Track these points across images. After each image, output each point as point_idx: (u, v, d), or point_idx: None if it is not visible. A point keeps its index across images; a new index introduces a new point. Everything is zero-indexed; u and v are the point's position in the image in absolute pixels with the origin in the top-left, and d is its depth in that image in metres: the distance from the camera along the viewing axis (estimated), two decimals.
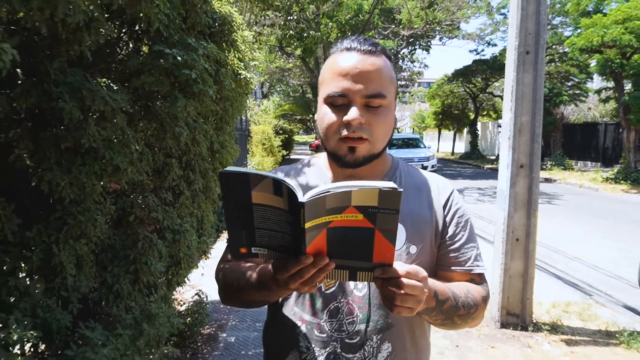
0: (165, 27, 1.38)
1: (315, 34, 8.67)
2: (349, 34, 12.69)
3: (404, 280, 0.77)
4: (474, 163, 23.34)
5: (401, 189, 0.69)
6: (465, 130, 29.12)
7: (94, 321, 1.77)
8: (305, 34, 8.61)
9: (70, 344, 1.54)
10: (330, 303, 0.96)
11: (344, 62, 0.94)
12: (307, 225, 0.69)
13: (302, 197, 0.67)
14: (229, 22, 1.95)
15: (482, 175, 18.76)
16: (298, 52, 10.32)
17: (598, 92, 17.74)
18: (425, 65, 28.53)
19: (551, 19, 19.82)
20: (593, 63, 15.86)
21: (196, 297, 3.47)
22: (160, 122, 1.59)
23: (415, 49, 23.29)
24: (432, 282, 0.88)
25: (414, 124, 44.27)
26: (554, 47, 19.94)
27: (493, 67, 21.90)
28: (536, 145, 3.74)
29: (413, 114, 45.21)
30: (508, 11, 19.38)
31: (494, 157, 23.39)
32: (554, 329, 3.78)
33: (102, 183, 1.47)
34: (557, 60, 20.55)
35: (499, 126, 24.61)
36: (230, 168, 0.71)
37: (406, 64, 27.09)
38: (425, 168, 16.45)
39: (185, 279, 2.70)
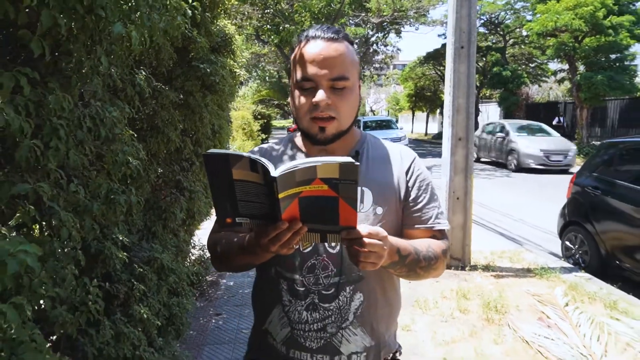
0: (198, 50, 2.15)
1: (291, 27, 9.37)
2: (323, 21, 13.41)
3: (366, 240, 0.87)
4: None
5: (358, 163, 0.80)
6: (438, 111, 30.24)
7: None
8: (281, 27, 9.29)
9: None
10: (307, 260, 1.06)
11: (309, 49, 1.03)
12: (281, 195, 0.78)
13: (274, 172, 0.77)
14: (230, 38, 2.73)
15: None
16: (275, 41, 11.02)
17: (554, 73, 18.93)
18: (398, 49, 29.29)
19: (513, 3, 20.86)
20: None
21: (200, 251, 4.30)
22: (192, 109, 2.37)
23: (387, 34, 24.11)
24: (394, 239, 0.98)
25: (389, 106, 45.22)
26: (516, 30, 21.04)
27: None
28: (470, 122, 4.66)
29: (388, 96, 46.15)
30: None
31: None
32: (488, 268, 4.75)
33: (164, 150, 2.25)
34: (519, 43, 21.66)
35: None
36: (211, 150, 0.82)
37: (380, 48, 27.83)
38: None
39: (199, 227, 3.52)
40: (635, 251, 4.14)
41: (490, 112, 24.85)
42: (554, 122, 11.42)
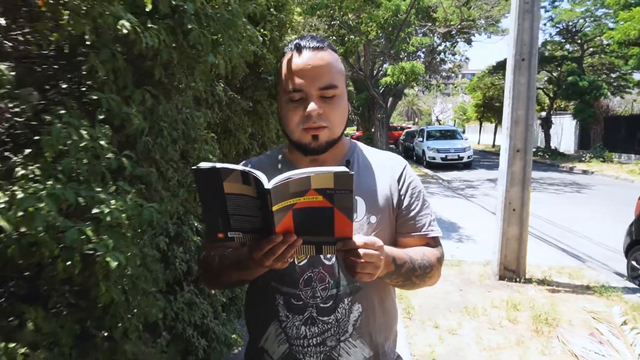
0: (267, 65, 2.47)
1: (355, 39, 9.60)
2: (389, 31, 13.55)
3: (362, 250, 0.86)
4: None
5: (352, 172, 0.78)
6: None
7: None
8: (346, 39, 9.57)
9: None
10: (304, 273, 1.05)
11: (297, 60, 1.02)
12: (275, 208, 0.77)
13: (267, 185, 0.75)
14: None
15: None
16: (340, 51, 11.36)
17: (637, 84, 17.64)
18: (467, 58, 28.59)
19: (594, 10, 19.72)
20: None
21: None
22: (260, 116, 2.70)
23: (456, 42, 23.66)
24: (390, 249, 0.98)
25: (456, 115, 44.15)
26: (596, 39, 19.86)
27: None
28: (529, 134, 4.64)
29: (455, 106, 45.08)
30: (542, 7, 19.33)
31: (534, 149, 23.45)
32: (544, 282, 4.68)
33: (234, 151, 2.58)
34: (599, 52, 20.41)
35: (539, 118, 24.63)
36: (202, 164, 0.79)
37: (447, 57, 27.33)
38: (461, 159, 17.13)
39: None
40: None
41: (565, 125, 23.56)
42: None
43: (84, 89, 1.01)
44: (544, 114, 23.96)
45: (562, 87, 20.76)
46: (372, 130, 19.41)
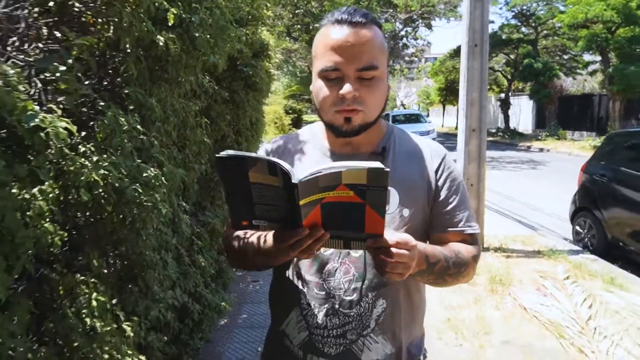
0: (244, 58, 2.70)
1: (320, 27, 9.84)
2: None
3: (393, 249, 0.82)
4: None
5: (388, 169, 0.75)
6: None
7: None
8: (311, 27, 9.82)
9: None
10: (329, 263, 1.01)
11: (335, 35, 0.95)
12: (302, 202, 0.75)
13: (295, 179, 0.74)
14: (267, 45, 3.29)
15: None
16: (305, 39, 11.58)
17: (586, 65, 18.64)
18: (429, 43, 29.24)
19: None
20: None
21: None
22: (237, 104, 2.94)
23: (417, 27, 24.24)
24: (423, 246, 0.93)
25: (420, 99, 45.06)
26: (549, 22, 20.77)
27: (492, 43, 22.63)
28: (483, 115, 5.04)
29: (419, 90, 45.99)
30: None
31: (494, 130, 24.44)
32: (500, 250, 5.14)
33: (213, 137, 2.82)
34: (552, 34, 21.36)
35: (499, 100, 25.60)
36: (227, 152, 0.78)
37: (410, 42, 27.87)
38: None
39: None
40: (638, 234, 4.45)
41: (523, 105, 24.58)
42: None
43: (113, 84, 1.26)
44: (502, 95, 24.94)
45: (519, 69, 21.68)
46: None
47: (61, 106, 0.92)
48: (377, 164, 0.74)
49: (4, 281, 0.72)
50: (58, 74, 0.83)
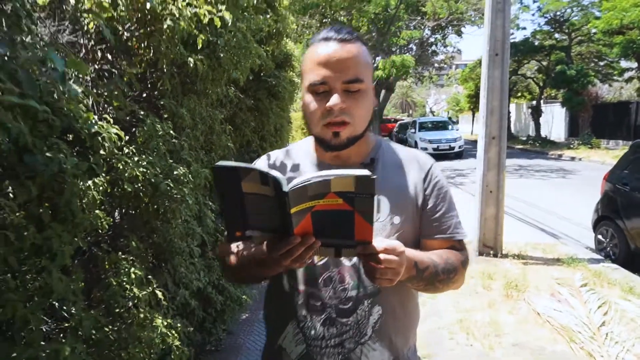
0: (267, 69, 2.93)
1: None
2: (380, 25, 13.98)
3: (382, 256, 0.85)
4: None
5: (374, 176, 0.78)
6: None
7: None
8: None
9: None
10: (323, 273, 1.03)
11: (322, 51, 0.99)
12: (293, 210, 0.78)
13: (286, 187, 0.76)
14: (290, 55, 3.53)
15: (512, 154, 19.48)
16: None
17: (622, 72, 18.12)
18: (458, 50, 29.03)
19: None
20: None
21: None
22: (261, 112, 3.17)
23: (447, 34, 24.14)
24: (412, 253, 0.95)
25: (450, 106, 44.59)
26: (583, 27, 20.30)
27: (524, 50, 22.35)
28: (503, 122, 5.12)
29: (449, 97, 45.54)
30: None
31: (524, 138, 23.98)
32: (519, 257, 5.17)
33: (239, 143, 3.06)
34: (586, 41, 20.87)
35: (530, 107, 25.10)
36: (220, 163, 0.80)
37: (439, 49, 27.75)
38: (452, 148, 17.61)
39: None
40: None
41: (555, 113, 24.03)
42: None
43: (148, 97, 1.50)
44: (534, 102, 24.45)
45: (551, 76, 21.25)
46: None
47: (112, 115, 1.14)
48: (364, 172, 0.77)
49: (67, 251, 0.94)
50: (115, 93, 1.04)
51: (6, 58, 0.77)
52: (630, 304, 3.73)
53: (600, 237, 5.38)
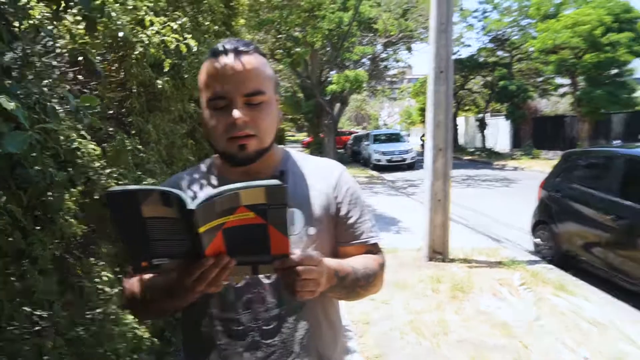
0: None
1: (301, 50, 10.38)
2: (335, 40, 14.41)
3: (301, 267, 0.81)
4: (454, 155, 25.10)
5: (286, 185, 0.75)
6: None
7: None
8: (292, 51, 10.29)
9: None
10: (242, 296, 0.98)
11: (220, 64, 0.95)
12: (202, 229, 0.72)
13: (191, 204, 0.70)
14: None
15: (460, 165, 20.39)
16: (287, 63, 12.12)
17: (557, 87, 19.56)
18: (409, 65, 30.14)
19: (520, 20, 21.63)
20: None
21: None
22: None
23: (398, 50, 25.11)
24: (330, 262, 0.93)
25: (402, 119, 46.02)
26: (522, 46, 21.74)
27: (470, 66, 23.58)
28: (449, 135, 5.49)
29: (402, 110, 47.02)
30: (474, 17, 20.99)
31: (472, 149, 25.19)
32: (465, 261, 5.52)
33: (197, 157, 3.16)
34: (525, 58, 22.36)
35: (477, 120, 26.44)
36: (115, 188, 0.73)
37: (391, 64, 28.70)
38: (405, 160, 18.25)
39: None
40: (588, 246, 4.87)
41: (500, 126, 25.43)
42: None
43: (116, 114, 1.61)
44: (481, 115, 25.80)
45: (495, 91, 22.57)
46: (322, 135, 20.23)
47: (84, 132, 1.26)
48: (274, 181, 0.74)
49: (48, 255, 1.04)
50: (93, 118, 1.14)
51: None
52: (561, 300, 4.11)
53: (537, 240, 5.83)
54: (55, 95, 0.90)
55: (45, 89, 1.08)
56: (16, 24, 1.12)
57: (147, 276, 0.95)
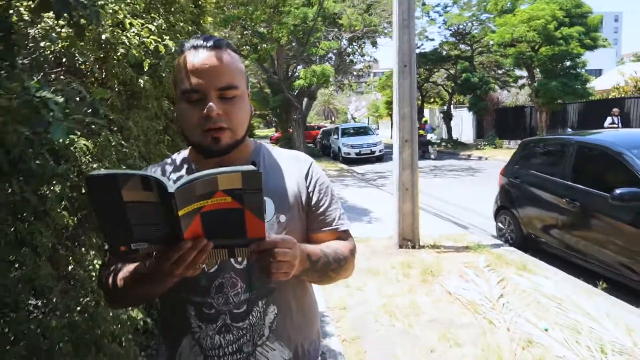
0: None
1: (268, 47, 10.41)
2: (300, 35, 14.47)
3: (276, 250, 0.85)
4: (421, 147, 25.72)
5: (261, 170, 0.77)
6: None
7: None
8: (259, 47, 10.31)
9: None
10: (214, 280, 1.02)
11: (194, 59, 0.99)
12: (181, 213, 0.74)
13: (171, 188, 0.72)
14: None
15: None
16: (253, 59, 12.11)
17: (516, 79, 20.30)
18: (375, 59, 30.48)
19: (479, 14, 22.27)
20: None
21: None
22: None
23: (363, 44, 25.40)
24: (304, 246, 0.98)
25: (369, 113, 46.50)
26: (483, 40, 22.40)
27: (433, 59, 24.11)
28: (414, 127, 5.69)
29: (369, 103, 47.49)
30: (436, 12, 21.48)
31: (438, 140, 25.78)
32: (434, 247, 5.75)
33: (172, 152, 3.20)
34: (486, 51, 23.05)
35: (442, 112, 27.10)
36: (96, 172, 0.74)
37: (357, 58, 28.98)
38: (373, 152, 18.54)
39: None
40: (546, 228, 5.18)
41: (464, 117, 26.14)
42: (607, 124, 12.04)
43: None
44: (445, 107, 26.45)
45: (458, 83, 23.20)
46: (291, 130, 20.28)
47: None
48: (250, 167, 0.77)
49: (47, 244, 1.11)
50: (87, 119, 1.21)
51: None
52: (523, 279, 4.38)
53: (500, 224, 6.14)
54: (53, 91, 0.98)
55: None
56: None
57: (126, 264, 0.98)
